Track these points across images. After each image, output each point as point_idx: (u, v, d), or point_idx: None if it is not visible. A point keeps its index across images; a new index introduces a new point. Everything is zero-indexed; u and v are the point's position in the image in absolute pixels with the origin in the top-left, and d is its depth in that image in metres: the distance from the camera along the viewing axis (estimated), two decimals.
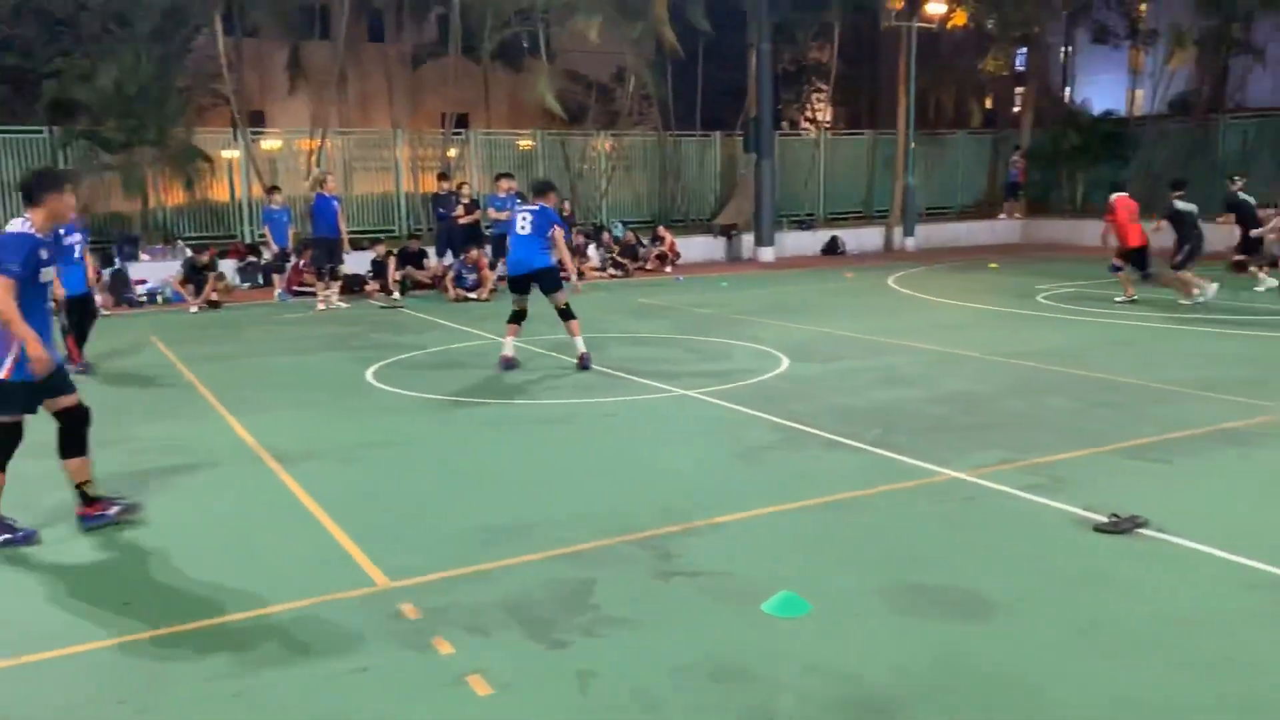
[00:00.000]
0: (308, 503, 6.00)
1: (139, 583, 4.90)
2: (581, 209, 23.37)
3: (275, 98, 26.24)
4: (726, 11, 25.59)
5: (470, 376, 10.06)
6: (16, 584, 4.92)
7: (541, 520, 5.60)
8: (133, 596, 4.71)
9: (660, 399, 8.73)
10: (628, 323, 13.63)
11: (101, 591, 4.80)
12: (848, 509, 5.73)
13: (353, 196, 21.39)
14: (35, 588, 4.86)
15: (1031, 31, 27.09)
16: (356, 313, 15.14)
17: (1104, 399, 8.37)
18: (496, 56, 23.90)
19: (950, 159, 28.47)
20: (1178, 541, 5.07)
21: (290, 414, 8.52)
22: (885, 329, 12.29)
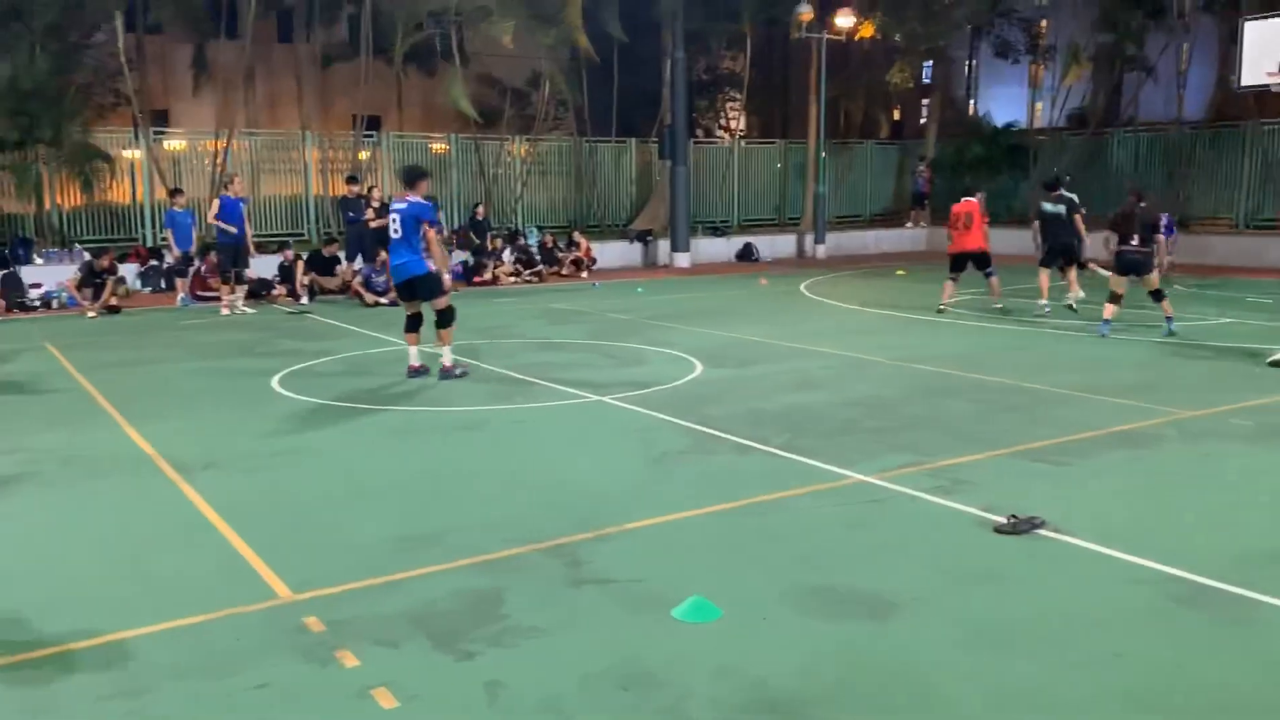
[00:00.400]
0: (209, 514, 5.84)
1: (28, 600, 4.70)
2: (497, 213, 23.23)
3: (180, 97, 25.56)
4: (641, 19, 25.73)
5: (379, 383, 9.91)
6: None
7: (450, 529, 5.55)
8: (18, 614, 4.52)
9: (574, 405, 8.72)
10: (542, 328, 13.59)
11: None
12: (758, 513, 5.80)
13: (260, 199, 20.91)
14: None
15: (937, 45, 27.83)
16: (263, 318, 14.80)
17: (1004, 402, 8.63)
18: (409, 59, 23.62)
19: (859, 168, 29.07)
20: (1072, 541, 5.25)
21: (192, 423, 8.28)
22: (797, 334, 12.48)
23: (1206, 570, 4.82)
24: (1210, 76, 27.21)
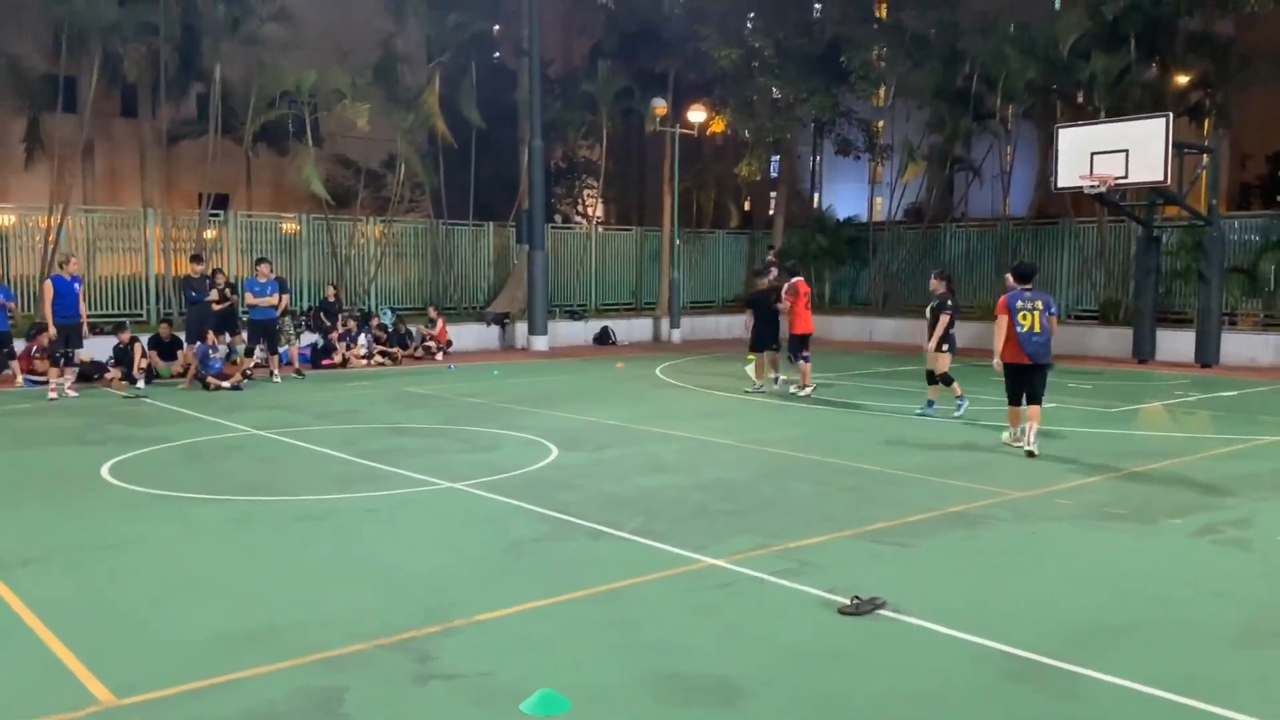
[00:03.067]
0: (24, 614, 5.43)
1: None
2: (349, 294, 22.83)
3: (10, 170, 24.30)
4: (499, 106, 26.15)
5: (217, 471, 9.51)
6: None
7: (290, 624, 5.33)
8: None
9: (425, 492, 8.56)
10: (394, 412, 13.33)
11: None
12: (610, 600, 5.79)
13: (96, 278, 19.98)
14: None
15: (784, 137, 29.19)
16: (95, 402, 14.02)
17: (846, 484, 8.93)
18: (260, 137, 23.21)
19: (711, 256, 29.99)
20: (912, 621, 5.44)
21: (9, 515, 7.73)
22: (652, 417, 12.64)
23: (1037, 647, 5.06)
24: (1032, 177, 29.44)
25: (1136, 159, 18.39)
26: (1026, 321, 10.40)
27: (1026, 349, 10.41)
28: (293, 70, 21.87)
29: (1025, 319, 10.41)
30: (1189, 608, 5.81)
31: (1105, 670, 4.77)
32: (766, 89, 27.60)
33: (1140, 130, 18.69)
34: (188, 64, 22.48)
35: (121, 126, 25.48)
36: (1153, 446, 11.10)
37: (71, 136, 21.89)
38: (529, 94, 23.59)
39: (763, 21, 27.50)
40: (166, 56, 21.48)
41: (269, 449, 10.68)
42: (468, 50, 25.69)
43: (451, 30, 24.85)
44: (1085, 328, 22.90)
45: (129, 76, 22.06)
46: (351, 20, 26.54)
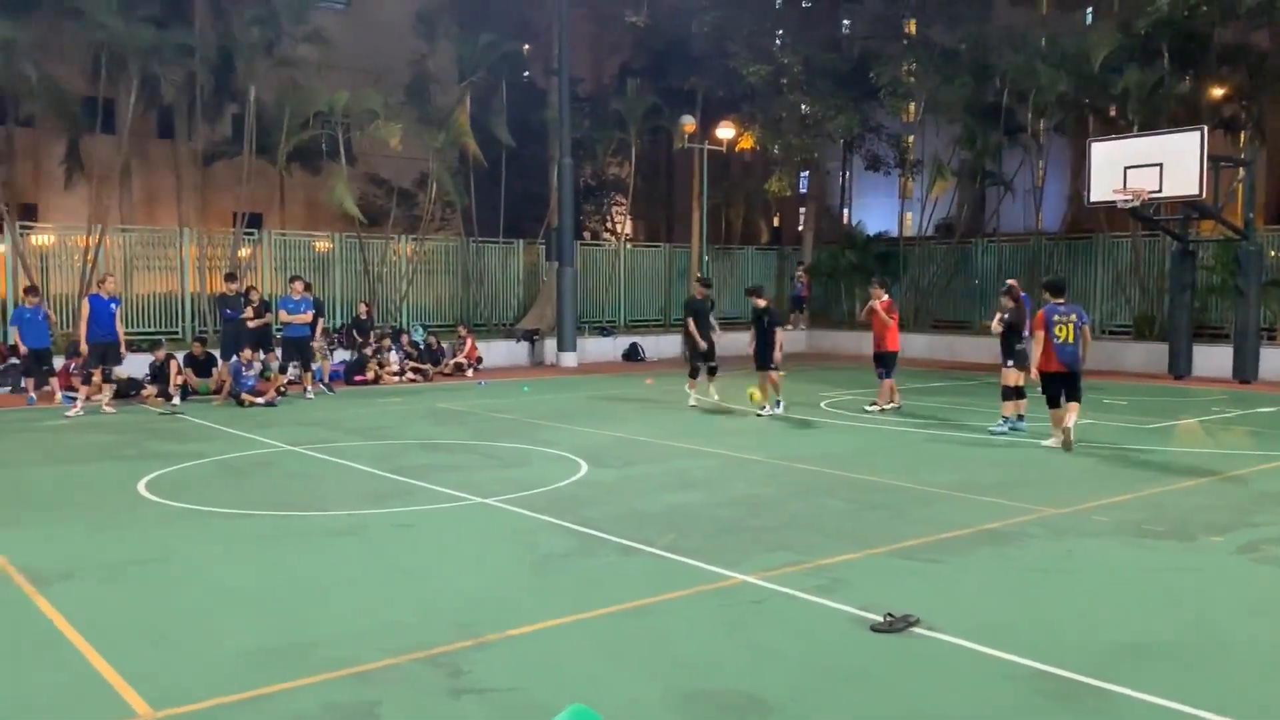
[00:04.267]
0: (64, 627, 5.51)
1: None
2: (381, 312, 23.04)
3: (51, 191, 24.77)
4: (529, 125, 26.36)
5: (251, 486, 9.62)
6: None
7: (323, 639, 5.37)
8: None
9: (456, 508, 8.60)
10: (426, 428, 13.41)
11: None
12: (640, 616, 5.78)
13: (133, 296, 20.29)
14: None
15: (812, 157, 29.18)
16: (132, 419, 14.21)
17: (878, 501, 8.88)
18: (294, 157, 23.53)
19: (740, 272, 29.97)
20: (945, 639, 5.39)
21: (49, 530, 7.84)
22: (681, 433, 12.63)
23: (1073, 665, 5.00)
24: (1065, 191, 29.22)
25: (1171, 173, 18.21)
26: (1063, 333, 11.20)
27: (1061, 358, 11.19)
28: (326, 91, 22.18)
29: (1061, 331, 11.21)
30: (1228, 627, 5.72)
31: (1142, 689, 4.70)
32: (795, 105, 27.65)
33: (1174, 144, 18.51)
34: (223, 85, 22.89)
35: (158, 147, 25.92)
36: (1190, 463, 10.95)
37: (110, 157, 22.34)
38: (559, 112, 23.77)
39: (791, 38, 27.57)
40: (202, 78, 21.90)
41: (302, 464, 10.78)
42: (498, 70, 25.94)
43: (482, 50, 25.11)
44: (1120, 343, 22.65)
45: (166, 98, 22.47)
46: (384, 41, 26.87)
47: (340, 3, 29.64)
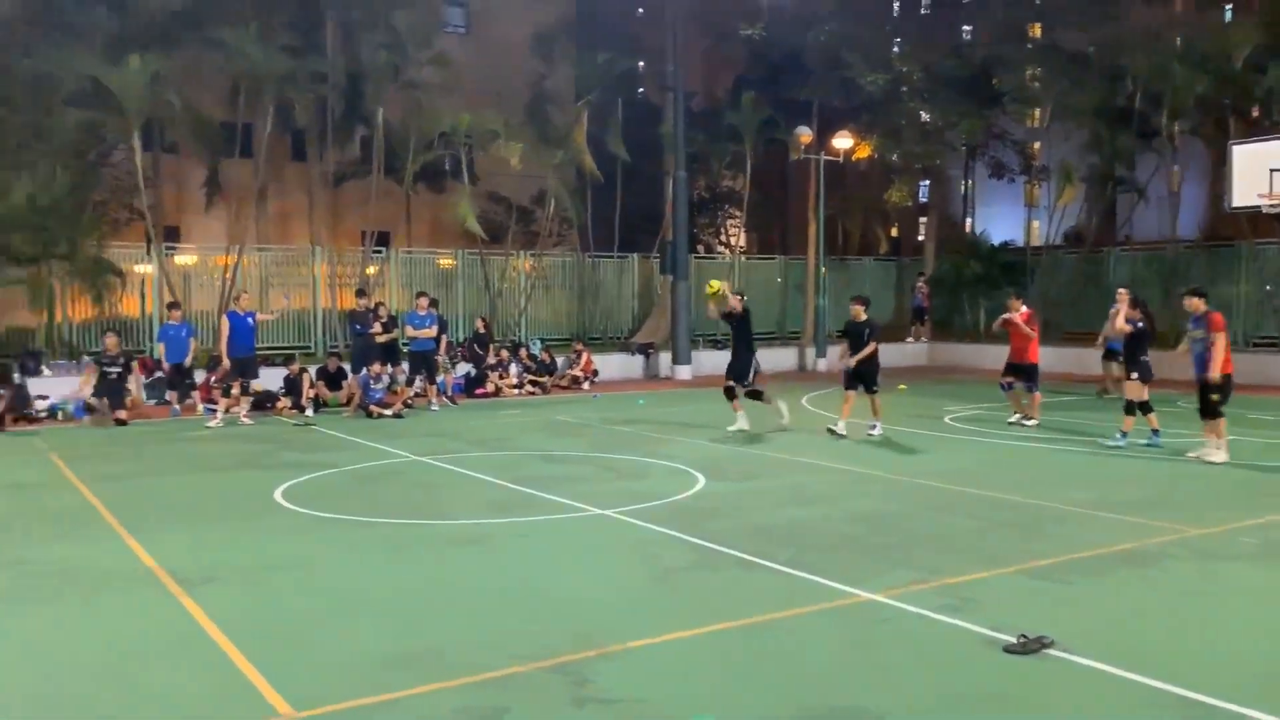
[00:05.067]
0: (209, 628, 5.78)
1: (26, 714, 4.64)
2: (500, 327, 23.52)
3: (192, 213, 26.11)
4: (643, 140, 26.57)
5: (380, 495, 9.92)
6: None
7: (452, 645, 5.49)
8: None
9: (576, 519, 8.69)
10: (544, 440, 13.61)
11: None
12: (764, 631, 5.74)
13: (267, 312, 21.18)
14: None
15: (933, 165, 28.59)
16: (267, 430, 14.84)
17: (1007, 518, 8.60)
18: (419, 177, 24.26)
19: (858, 283, 29.49)
20: (1083, 662, 5.18)
21: (194, 535, 8.25)
22: (799, 447, 12.50)
23: (1219, 692, 4.75)
24: (1203, 196, 27.88)
25: None
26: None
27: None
28: (450, 112, 22.81)
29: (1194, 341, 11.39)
30: None
31: None
32: (915, 113, 27.14)
33: None
34: (353, 109, 23.77)
35: (292, 170, 27.05)
36: None
37: (247, 181, 23.47)
38: (673, 127, 23.90)
39: (910, 46, 27.09)
40: (333, 103, 22.81)
41: (428, 474, 11.07)
42: (614, 87, 26.27)
43: (599, 69, 25.48)
44: (1266, 355, 21.43)
45: (299, 123, 23.47)
46: (504, 63, 27.49)
47: (462, 27, 30.46)
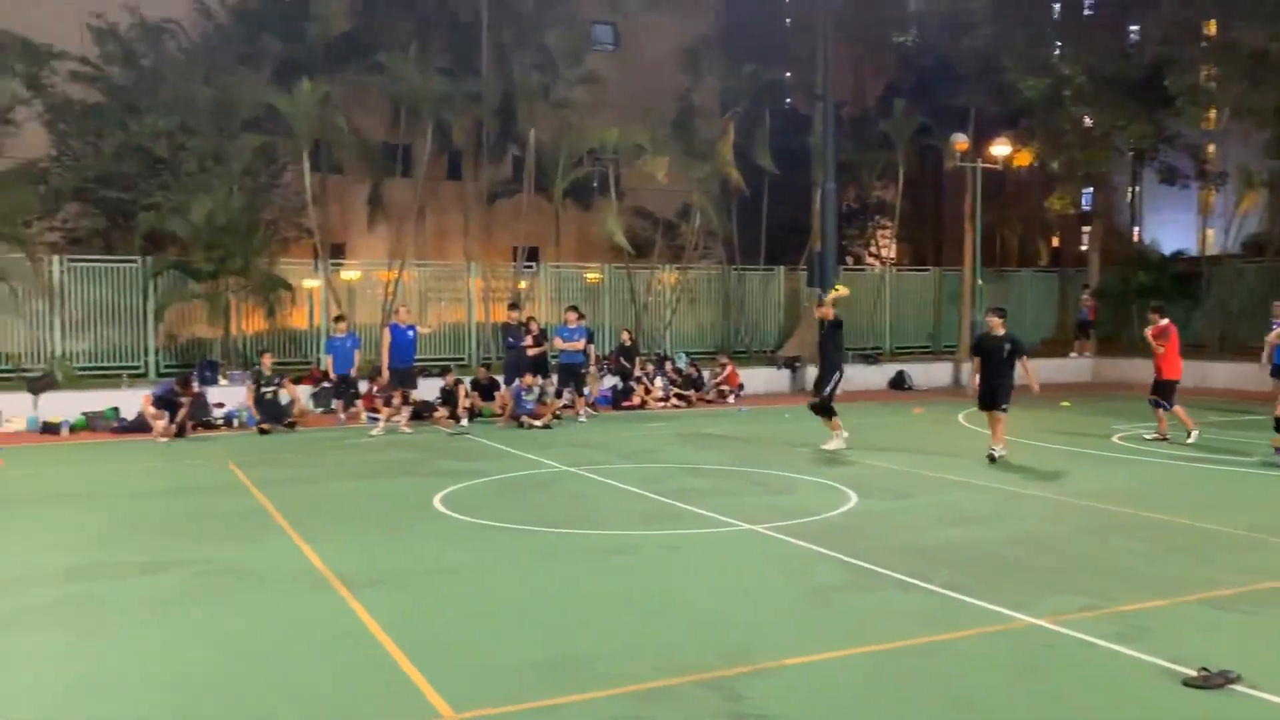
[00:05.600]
0: (374, 629, 6.00)
1: (200, 709, 4.92)
2: (646, 340, 23.71)
3: (356, 231, 27.35)
4: (791, 151, 26.34)
5: (532, 504, 10.13)
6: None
7: (605, 654, 5.54)
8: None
9: (725, 533, 8.65)
10: (690, 453, 13.61)
11: (169, 714, 4.82)
12: (920, 654, 5.56)
13: (426, 325, 21.98)
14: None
15: (1097, 171, 27.32)
16: (425, 438, 15.36)
17: (1180, 543, 8.10)
18: (567, 193, 24.76)
19: (1017, 296, 28.46)
20: (1273, 700, 4.82)
21: (359, 538, 8.60)
22: (954, 466, 12.09)
23: None
24: None
25: None
26: None
27: None
28: (598, 129, 23.23)
29: None
30: None
31: None
32: (1078, 118, 26.00)
33: None
34: (506, 129, 24.48)
35: (448, 189, 28.02)
36: None
37: (407, 199, 24.47)
38: (822, 137, 23.62)
39: (1072, 48, 25.99)
40: (488, 123, 23.53)
41: (577, 485, 11.23)
42: (761, 99, 26.18)
43: (746, 81, 25.46)
44: None
45: (456, 143, 24.34)
46: (650, 78, 27.76)
47: (611, 44, 30.96)
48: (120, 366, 19.54)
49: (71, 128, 21.20)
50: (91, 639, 5.92)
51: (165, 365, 19.81)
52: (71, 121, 21.20)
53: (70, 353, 19.21)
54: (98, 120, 21.05)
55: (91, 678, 5.29)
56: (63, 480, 11.98)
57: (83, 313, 19.45)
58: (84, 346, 19.51)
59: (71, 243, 21.13)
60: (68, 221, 21.32)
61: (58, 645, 5.83)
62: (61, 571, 7.44)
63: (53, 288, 19.02)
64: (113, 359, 19.65)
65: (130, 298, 19.70)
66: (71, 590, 6.94)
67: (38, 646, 5.80)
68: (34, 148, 21.46)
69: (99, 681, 5.25)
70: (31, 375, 17.91)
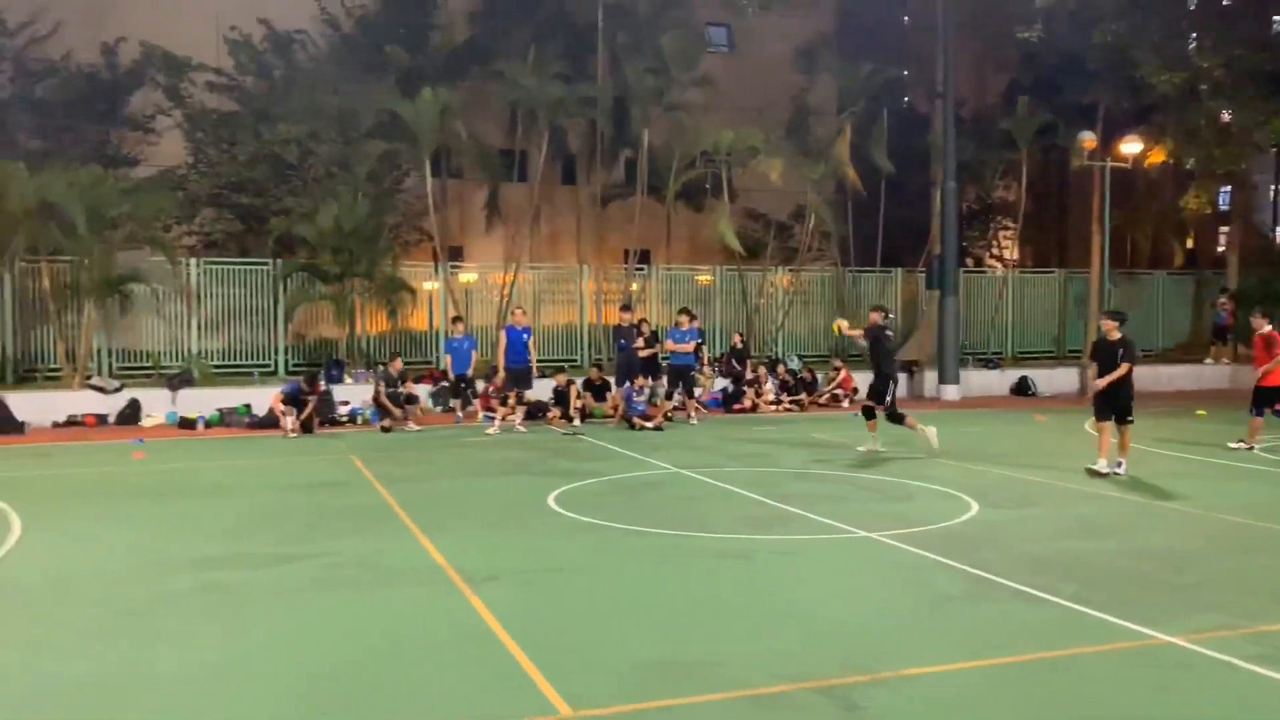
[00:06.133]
0: (493, 624, 6.11)
1: (326, 697, 5.08)
2: (758, 342, 23.55)
3: (473, 234, 27.94)
4: (908, 151, 25.80)
5: (645, 505, 10.16)
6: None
7: (719, 659, 5.51)
8: (331, 709, 4.89)
9: (840, 539, 8.52)
10: (803, 457, 13.46)
11: (297, 701, 5.00)
12: (1048, 669, 5.37)
13: (540, 327, 22.31)
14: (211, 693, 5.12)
15: (1237, 169, 25.97)
16: (539, 438, 15.58)
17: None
18: (679, 196, 24.79)
19: (1149, 300, 27.29)
20: None
21: (477, 535, 8.77)
22: (1080, 476, 11.64)
23: None
24: None
25: None
26: None
27: None
28: (711, 131, 23.16)
29: None
30: None
31: None
32: (1215, 113, 24.75)
33: None
34: (619, 133, 24.65)
35: (562, 193, 28.40)
36: None
37: (522, 203, 24.89)
38: (942, 136, 23.08)
39: (1210, 40, 24.75)
40: (602, 127, 23.74)
41: (689, 487, 11.23)
42: (878, 98, 25.73)
43: (863, 80, 25.05)
44: None
45: (570, 148, 24.64)
46: (764, 78, 27.59)
47: (725, 46, 30.87)
48: (252, 365, 20.42)
49: (207, 136, 22.23)
50: (224, 627, 6.18)
51: (293, 364, 20.60)
52: (208, 130, 22.24)
53: (205, 351, 20.16)
54: (232, 129, 22.03)
55: (222, 665, 5.52)
56: (198, 473, 12.57)
57: (217, 313, 20.39)
58: (218, 345, 20.45)
59: (207, 246, 22.16)
60: (204, 226, 22.35)
61: (192, 632, 6.10)
62: (197, 561, 7.81)
63: (190, 289, 19.98)
64: (245, 357, 20.55)
65: (262, 299, 20.56)
66: (206, 579, 7.26)
67: (173, 633, 6.09)
68: (173, 156, 22.63)
69: (229, 668, 5.48)
70: (170, 373, 18.87)
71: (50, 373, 19.02)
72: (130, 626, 6.18)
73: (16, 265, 18.72)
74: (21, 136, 21.32)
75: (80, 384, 18.16)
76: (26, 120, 21.70)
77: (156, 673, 5.37)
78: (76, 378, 18.34)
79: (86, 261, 18.44)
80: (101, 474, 12.45)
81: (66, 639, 5.97)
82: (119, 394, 17.94)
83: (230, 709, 4.91)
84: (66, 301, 19.05)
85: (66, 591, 7.02)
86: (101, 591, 6.98)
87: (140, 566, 7.64)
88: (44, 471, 12.64)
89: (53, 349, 19.11)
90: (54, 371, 19.00)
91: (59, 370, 18.92)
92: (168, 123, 23.01)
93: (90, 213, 18.08)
